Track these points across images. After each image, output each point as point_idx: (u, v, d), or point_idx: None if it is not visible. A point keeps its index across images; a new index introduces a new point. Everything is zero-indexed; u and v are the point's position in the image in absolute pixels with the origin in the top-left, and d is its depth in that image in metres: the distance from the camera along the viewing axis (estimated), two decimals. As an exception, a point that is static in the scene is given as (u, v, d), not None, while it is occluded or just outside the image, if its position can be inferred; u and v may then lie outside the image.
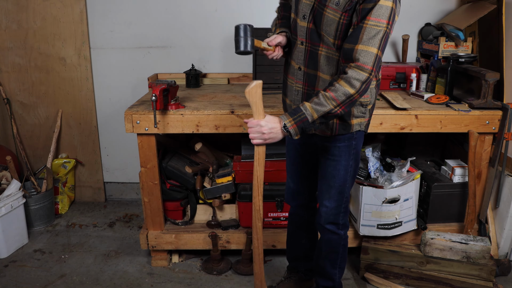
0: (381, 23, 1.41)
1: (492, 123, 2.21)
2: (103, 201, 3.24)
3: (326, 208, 1.79)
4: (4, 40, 2.90)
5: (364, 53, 1.42)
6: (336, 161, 1.72)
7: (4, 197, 2.49)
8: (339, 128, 1.66)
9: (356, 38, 1.43)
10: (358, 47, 1.42)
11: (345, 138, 1.69)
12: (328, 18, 1.51)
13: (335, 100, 1.44)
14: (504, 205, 2.37)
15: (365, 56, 1.42)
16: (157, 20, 2.88)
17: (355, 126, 1.67)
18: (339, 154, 1.71)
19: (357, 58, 1.42)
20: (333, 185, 1.75)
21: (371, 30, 1.41)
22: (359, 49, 1.42)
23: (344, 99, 1.44)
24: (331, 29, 1.51)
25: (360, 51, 1.42)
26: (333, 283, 1.95)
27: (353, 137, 1.70)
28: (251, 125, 1.52)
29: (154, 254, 2.43)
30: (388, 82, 2.66)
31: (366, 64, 1.42)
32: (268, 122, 1.50)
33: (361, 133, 1.72)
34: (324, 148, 1.73)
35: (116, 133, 3.09)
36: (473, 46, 2.62)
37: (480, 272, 2.14)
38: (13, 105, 3.02)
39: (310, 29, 1.59)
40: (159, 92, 2.04)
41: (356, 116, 1.65)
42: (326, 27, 1.52)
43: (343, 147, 1.70)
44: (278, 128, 1.50)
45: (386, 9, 1.41)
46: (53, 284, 2.26)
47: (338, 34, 1.51)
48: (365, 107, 1.65)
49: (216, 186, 2.40)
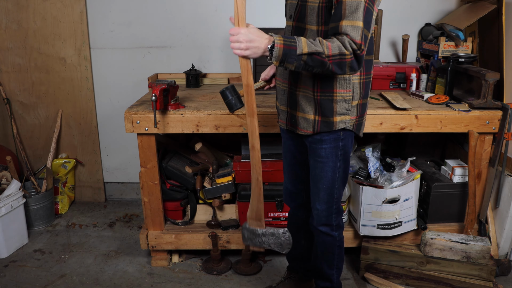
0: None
1: (492, 123, 2.21)
2: (103, 201, 3.24)
3: (317, 210, 1.79)
4: (4, 40, 2.90)
5: (350, 27, 1.41)
6: (323, 163, 1.70)
7: (4, 197, 2.49)
8: (321, 125, 1.64)
9: (339, 16, 1.43)
10: (343, 22, 1.42)
11: (330, 140, 1.67)
12: (310, 7, 1.53)
13: (329, 49, 1.41)
14: (504, 205, 2.37)
15: (352, 30, 1.41)
16: (157, 20, 2.88)
17: (339, 124, 1.64)
18: (326, 156, 1.69)
19: (345, 32, 1.41)
20: (322, 187, 1.74)
21: (352, 3, 1.41)
22: (344, 24, 1.42)
23: (337, 52, 1.41)
24: (313, 17, 1.53)
25: (345, 26, 1.41)
26: (332, 284, 1.95)
27: (339, 138, 1.67)
28: (231, 32, 1.43)
29: (154, 254, 2.43)
30: (388, 82, 2.66)
31: (355, 38, 1.41)
32: (250, 32, 1.41)
33: (349, 133, 1.69)
34: (312, 149, 1.73)
35: (116, 133, 3.09)
36: (473, 46, 2.61)
37: (480, 272, 2.14)
38: (13, 105, 3.02)
39: (294, 27, 1.62)
40: (159, 92, 2.04)
41: (340, 113, 1.63)
42: (310, 16, 1.54)
43: (329, 149, 1.68)
44: (260, 41, 1.41)
45: None
46: (53, 284, 2.27)
47: (320, 20, 1.52)
48: (348, 103, 1.62)
49: (216, 186, 2.40)
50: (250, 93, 1.51)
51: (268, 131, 2.20)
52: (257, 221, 1.70)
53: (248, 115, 1.54)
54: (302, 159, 1.87)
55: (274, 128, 2.19)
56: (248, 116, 1.54)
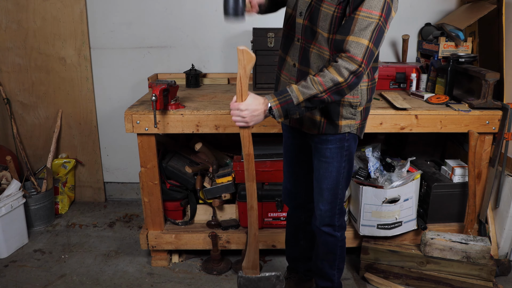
0: (374, 14, 1.40)
1: (492, 123, 2.21)
2: (103, 201, 3.24)
3: (320, 210, 1.79)
4: (4, 40, 2.90)
5: (354, 44, 1.40)
6: (328, 163, 1.71)
7: (4, 197, 2.49)
8: (326, 127, 1.65)
9: (347, 30, 1.42)
10: (349, 38, 1.41)
11: (336, 140, 1.67)
12: (324, 13, 1.50)
13: (322, 85, 1.41)
14: (504, 205, 2.37)
15: (356, 47, 1.40)
16: (157, 20, 2.88)
17: (344, 127, 1.65)
18: (331, 156, 1.69)
19: (348, 49, 1.41)
20: (326, 187, 1.74)
21: (363, 21, 1.40)
22: (350, 40, 1.41)
23: (331, 85, 1.41)
24: (325, 24, 1.51)
25: (350, 42, 1.41)
26: (332, 284, 1.96)
27: (345, 139, 1.68)
28: (231, 107, 1.47)
29: (154, 254, 2.43)
30: (388, 82, 2.66)
31: (356, 56, 1.40)
32: (249, 105, 1.44)
33: (354, 136, 1.70)
34: (317, 149, 1.73)
35: (116, 133, 3.09)
36: (473, 46, 2.61)
37: (480, 272, 2.14)
38: (13, 105, 3.02)
39: (305, 26, 1.58)
40: (159, 92, 2.04)
41: (345, 117, 1.64)
42: (322, 22, 1.51)
43: (334, 149, 1.68)
44: (260, 110, 1.45)
45: (379, 1, 1.40)
46: (53, 284, 2.27)
47: (332, 28, 1.50)
48: (354, 108, 1.63)
49: (216, 186, 2.40)
50: (251, 161, 1.57)
51: (268, 131, 2.20)
52: (253, 270, 1.75)
53: (248, 180, 1.60)
54: (304, 158, 1.86)
55: (274, 128, 2.19)
56: (248, 181, 1.60)
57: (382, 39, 1.46)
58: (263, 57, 2.52)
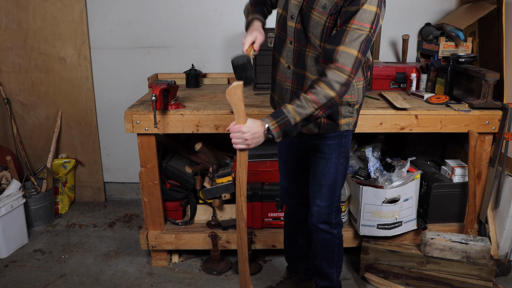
0: (364, 27, 1.42)
1: (492, 123, 2.21)
2: (103, 201, 3.24)
3: (318, 207, 1.79)
4: (4, 40, 2.90)
5: (344, 54, 1.42)
6: (326, 159, 1.73)
7: (4, 197, 2.49)
8: (327, 127, 1.67)
9: (338, 40, 1.44)
10: (339, 48, 1.43)
11: (334, 136, 1.70)
12: (315, 21, 1.51)
13: (316, 103, 1.44)
14: (504, 205, 2.37)
15: (345, 58, 1.42)
16: (157, 20, 2.88)
17: (343, 126, 1.68)
18: (329, 152, 1.72)
19: (337, 59, 1.43)
20: (324, 183, 1.75)
21: (354, 33, 1.42)
22: (340, 50, 1.43)
23: (325, 102, 1.44)
24: (317, 32, 1.52)
25: (340, 52, 1.42)
26: (331, 283, 1.96)
27: (343, 135, 1.71)
28: (233, 131, 1.50)
29: (154, 254, 2.43)
30: (388, 82, 2.66)
31: (345, 66, 1.42)
32: (251, 127, 1.47)
33: (350, 132, 1.74)
34: (315, 146, 1.74)
35: (116, 133, 3.09)
36: (473, 46, 2.62)
37: (480, 272, 2.14)
38: (13, 105, 3.02)
39: (298, 29, 1.59)
40: (159, 92, 2.04)
41: (344, 116, 1.67)
42: (313, 29, 1.53)
43: (333, 145, 1.71)
44: (260, 132, 1.48)
45: (370, 14, 1.41)
46: (53, 284, 2.27)
47: (324, 37, 1.51)
48: (352, 106, 1.66)
49: (216, 186, 2.40)
50: (243, 193, 1.57)
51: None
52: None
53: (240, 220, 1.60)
54: (300, 155, 1.87)
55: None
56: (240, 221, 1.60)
57: (369, 48, 1.49)
58: (263, 57, 2.52)
